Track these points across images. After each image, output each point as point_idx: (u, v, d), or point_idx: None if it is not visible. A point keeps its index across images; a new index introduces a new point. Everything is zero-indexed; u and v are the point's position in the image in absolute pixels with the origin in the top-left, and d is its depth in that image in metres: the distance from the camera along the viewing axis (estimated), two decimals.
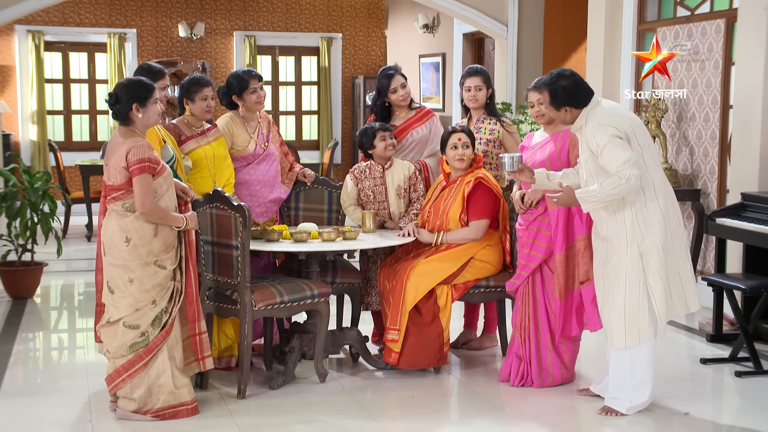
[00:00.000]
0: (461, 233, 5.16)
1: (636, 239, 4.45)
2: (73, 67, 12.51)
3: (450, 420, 4.74)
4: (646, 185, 4.48)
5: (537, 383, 4.97)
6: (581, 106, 4.51)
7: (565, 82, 4.50)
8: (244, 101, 5.42)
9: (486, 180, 5.16)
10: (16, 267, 7.22)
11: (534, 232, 4.96)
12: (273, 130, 5.62)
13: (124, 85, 4.43)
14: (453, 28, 11.41)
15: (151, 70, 4.99)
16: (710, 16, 7.02)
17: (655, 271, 4.44)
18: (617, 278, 4.49)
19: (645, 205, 4.48)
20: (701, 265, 7.06)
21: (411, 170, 5.53)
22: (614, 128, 4.39)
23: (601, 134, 4.38)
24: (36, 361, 5.85)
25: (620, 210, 4.48)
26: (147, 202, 4.33)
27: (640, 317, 4.46)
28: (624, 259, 4.47)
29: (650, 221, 4.47)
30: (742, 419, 4.74)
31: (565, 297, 4.90)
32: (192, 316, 4.58)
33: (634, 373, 4.54)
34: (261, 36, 13.10)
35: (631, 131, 4.44)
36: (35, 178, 7.13)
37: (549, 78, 4.57)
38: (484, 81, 5.65)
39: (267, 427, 4.49)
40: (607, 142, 4.36)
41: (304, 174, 5.73)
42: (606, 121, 4.43)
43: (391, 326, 5.08)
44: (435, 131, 5.75)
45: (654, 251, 4.44)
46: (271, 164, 5.51)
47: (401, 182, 5.50)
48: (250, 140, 5.42)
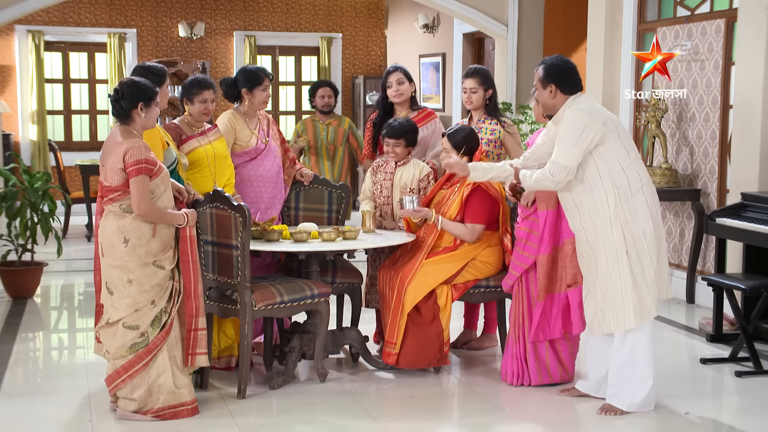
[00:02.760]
0: (457, 227, 5.15)
1: (620, 221, 4.47)
2: (73, 67, 12.51)
3: (450, 420, 4.74)
4: (633, 179, 4.51)
5: (535, 380, 4.97)
6: (566, 93, 4.57)
7: (563, 64, 4.62)
8: (252, 96, 5.43)
9: (485, 184, 5.13)
10: (16, 267, 7.22)
11: (526, 232, 4.97)
12: (273, 127, 5.64)
13: (131, 83, 4.43)
14: (453, 28, 11.41)
15: (152, 71, 4.93)
16: (710, 16, 7.02)
17: (645, 252, 4.49)
18: (607, 261, 4.52)
19: (632, 196, 4.50)
20: (701, 265, 7.06)
21: (424, 172, 5.50)
22: (590, 120, 4.44)
23: (575, 117, 4.46)
24: (36, 361, 5.85)
25: (598, 187, 4.51)
26: (144, 204, 4.33)
27: (634, 298, 4.49)
28: (611, 241, 4.49)
29: (635, 208, 4.51)
30: (742, 419, 4.75)
31: (545, 299, 4.90)
32: (190, 311, 4.54)
33: (636, 367, 4.55)
34: (261, 36, 13.10)
35: (613, 126, 4.51)
36: (35, 178, 7.13)
37: (550, 57, 4.72)
38: (480, 83, 5.64)
39: (267, 427, 4.49)
40: (577, 133, 4.43)
41: (301, 173, 5.73)
42: (587, 108, 4.51)
43: (389, 340, 5.10)
44: (437, 133, 5.75)
45: (643, 236, 4.48)
46: (273, 160, 5.53)
47: (408, 181, 5.49)
48: (251, 135, 5.44)
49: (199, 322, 4.57)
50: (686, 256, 7.20)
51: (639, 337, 4.55)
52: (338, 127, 7.73)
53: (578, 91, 4.60)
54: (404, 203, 5.16)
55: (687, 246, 7.21)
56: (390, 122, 5.54)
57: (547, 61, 4.66)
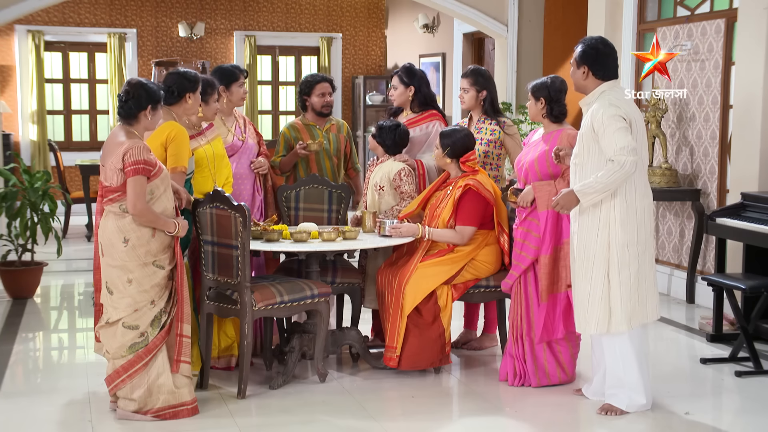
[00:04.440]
0: (446, 234, 5.14)
1: (608, 225, 4.45)
2: (73, 67, 12.51)
3: (450, 420, 4.74)
4: (630, 183, 4.47)
5: (534, 382, 4.97)
6: (599, 78, 4.53)
7: (602, 47, 4.54)
8: (230, 93, 5.51)
9: (476, 187, 5.11)
10: (16, 267, 7.22)
11: (524, 233, 4.97)
12: (249, 127, 5.68)
13: (140, 85, 4.44)
14: (453, 28, 11.42)
15: (186, 76, 4.94)
16: (710, 16, 7.02)
17: (625, 266, 4.45)
18: (584, 262, 4.52)
19: (625, 198, 4.47)
20: (701, 265, 7.06)
21: (395, 170, 5.46)
22: (623, 111, 4.41)
23: (609, 113, 4.39)
24: (36, 361, 5.85)
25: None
26: (139, 204, 4.33)
27: (601, 306, 4.48)
28: (593, 245, 4.48)
29: (627, 215, 4.46)
30: (742, 419, 4.75)
31: (548, 299, 4.90)
32: (177, 315, 4.52)
33: (626, 373, 4.55)
34: (261, 36, 13.10)
35: (634, 123, 4.47)
36: (35, 178, 7.13)
37: (591, 37, 4.63)
38: (471, 83, 5.65)
39: (267, 427, 4.49)
40: (611, 123, 4.37)
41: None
42: (617, 103, 4.46)
43: (389, 344, 5.10)
44: (433, 136, 5.71)
45: (626, 247, 4.44)
46: (250, 158, 5.58)
47: (379, 180, 5.50)
48: (228, 133, 5.49)
49: (184, 328, 4.53)
50: (686, 256, 7.20)
51: (621, 342, 4.53)
52: (338, 134, 6.05)
53: (612, 78, 4.55)
54: (385, 228, 5.14)
55: (687, 246, 7.20)
56: (381, 121, 5.62)
57: (587, 41, 4.59)
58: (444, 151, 5.19)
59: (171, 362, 4.48)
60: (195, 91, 4.92)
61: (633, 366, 4.54)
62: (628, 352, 4.53)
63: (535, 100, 5.00)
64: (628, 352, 4.53)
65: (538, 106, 4.99)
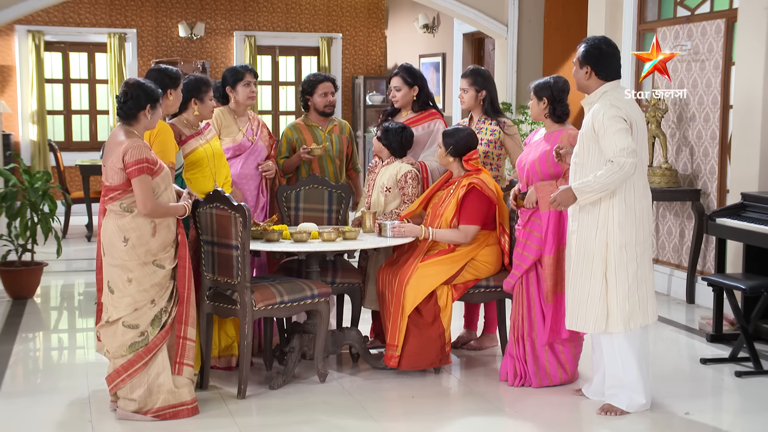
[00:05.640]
0: (450, 234, 5.14)
1: (606, 226, 4.45)
2: (73, 67, 12.52)
3: (450, 420, 4.73)
4: (629, 184, 4.46)
5: (535, 383, 4.97)
6: (602, 78, 4.53)
7: (605, 47, 4.54)
8: (236, 93, 5.52)
9: (480, 186, 5.12)
10: (16, 267, 7.22)
11: (527, 233, 4.96)
12: (263, 129, 5.67)
13: (138, 85, 4.45)
14: (453, 28, 11.42)
15: (167, 73, 4.90)
16: (710, 16, 7.02)
17: (623, 267, 4.45)
18: (585, 262, 4.51)
19: (624, 199, 4.46)
20: (701, 265, 7.06)
21: (401, 172, 5.47)
22: (624, 113, 4.41)
23: (610, 114, 4.39)
24: (36, 361, 5.85)
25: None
26: (149, 203, 4.34)
27: (599, 306, 4.48)
28: (591, 245, 4.48)
29: (626, 216, 4.46)
30: (742, 419, 4.75)
31: (553, 299, 4.90)
32: (179, 317, 4.53)
33: (626, 373, 4.55)
34: (261, 36, 13.10)
35: (635, 125, 4.46)
36: (35, 178, 7.13)
37: (594, 37, 4.63)
38: (470, 83, 5.65)
39: (267, 427, 4.49)
40: (612, 123, 4.37)
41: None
42: (618, 103, 4.45)
43: (390, 343, 5.10)
44: (435, 134, 5.71)
45: (624, 248, 4.44)
46: (257, 160, 5.58)
47: (385, 181, 5.50)
48: (238, 132, 5.48)
49: (188, 331, 4.54)
50: (686, 256, 7.20)
51: (620, 342, 4.53)
52: (341, 135, 5.98)
53: (615, 78, 4.55)
54: (386, 230, 5.14)
55: (687, 246, 7.20)
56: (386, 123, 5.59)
57: (590, 41, 4.59)
58: (447, 150, 5.20)
59: (171, 362, 4.49)
60: (176, 88, 4.88)
61: (632, 366, 4.54)
62: (628, 352, 4.53)
63: (538, 99, 4.99)
64: (627, 352, 4.53)
65: (540, 106, 4.99)
